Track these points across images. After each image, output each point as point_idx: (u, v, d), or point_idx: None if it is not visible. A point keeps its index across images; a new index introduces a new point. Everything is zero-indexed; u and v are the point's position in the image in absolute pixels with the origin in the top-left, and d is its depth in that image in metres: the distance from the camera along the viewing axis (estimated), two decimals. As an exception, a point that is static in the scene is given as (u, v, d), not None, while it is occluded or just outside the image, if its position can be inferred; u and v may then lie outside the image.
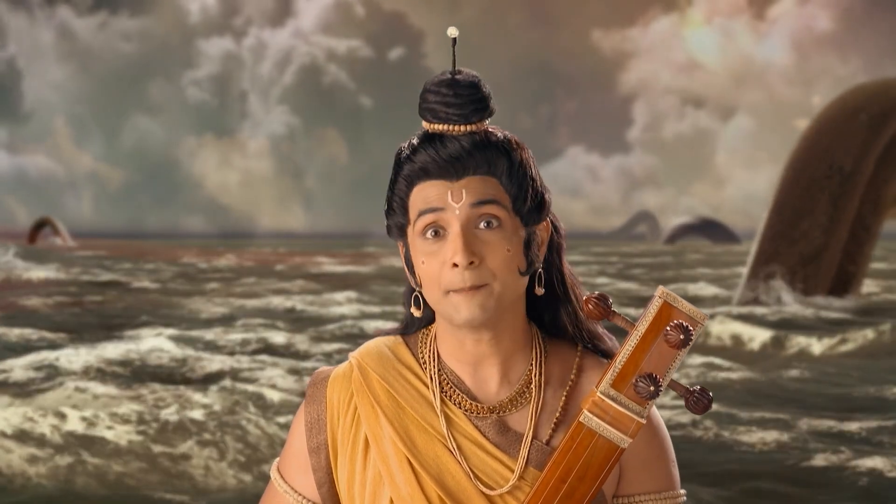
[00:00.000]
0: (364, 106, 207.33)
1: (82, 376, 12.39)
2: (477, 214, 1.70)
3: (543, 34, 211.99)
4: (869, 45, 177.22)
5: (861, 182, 21.67)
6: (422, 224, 1.71)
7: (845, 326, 18.06)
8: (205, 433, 9.33)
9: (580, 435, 1.65)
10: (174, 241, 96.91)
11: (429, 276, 1.71)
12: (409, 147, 1.74)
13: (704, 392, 1.63)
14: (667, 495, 1.78)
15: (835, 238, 21.54)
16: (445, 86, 1.71)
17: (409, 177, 1.72)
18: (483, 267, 1.69)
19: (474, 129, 1.71)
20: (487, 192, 1.70)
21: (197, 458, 8.81)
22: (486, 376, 1.76)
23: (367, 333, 14.84)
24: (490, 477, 1.71)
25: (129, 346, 14.84)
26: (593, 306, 1.65)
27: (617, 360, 1.65)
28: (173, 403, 10.31)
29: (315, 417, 1.81)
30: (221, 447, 9.05)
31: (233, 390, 11.26)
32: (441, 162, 1.70)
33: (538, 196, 1.75)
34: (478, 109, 1.71)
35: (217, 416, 9.75)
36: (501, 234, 1.70)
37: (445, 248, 1.70)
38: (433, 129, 1.72)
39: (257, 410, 10.30)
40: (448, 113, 1.70)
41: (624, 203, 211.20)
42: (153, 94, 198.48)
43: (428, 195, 1.71)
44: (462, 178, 1.70)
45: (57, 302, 23.34)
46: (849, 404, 11.46)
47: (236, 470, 8.63)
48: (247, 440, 9.25)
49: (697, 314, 1.65)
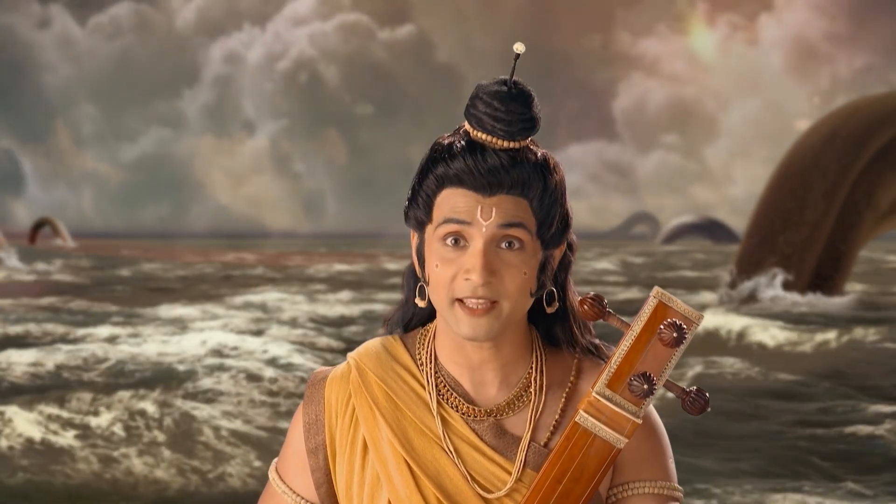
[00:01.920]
0: (364, 106, 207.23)
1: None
2: (501, 234, 1.69)
3: (543, 34, 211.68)
4: (869, 46, 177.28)
5: (849, 186, 21.77)
6: (444, 231, 1.70)
7: (822, 325, 18.09)
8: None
9: (576, 435, 1.64)
10: (174, 242, 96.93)
11: (440, 282, 1.70)
12: (448, 148, 1.71)
13: (701, 393, 1.62)
14: (663, 485, 1.76)
15: (819, 237, 21.63)
16: (498, 99, 1.68)
17: (441, 178, 1.70)
18: (497, 285, 1.68)
19: (516, 146, 1.70)
20: (517, 215, 1.69)
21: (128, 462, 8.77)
22: (485, 380, 1.76)
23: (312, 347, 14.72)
24: (487, 480, 1.71)
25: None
26: (588, 307, 1.64)
27: (612, 360, 1.65)
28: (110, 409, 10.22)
29: (313, 418, 1.81)
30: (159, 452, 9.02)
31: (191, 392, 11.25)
32: (477, 175, 1.68)
33: (563, 222, 1.74)
34: (525, 129, 1.69)
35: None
36: (521, 256, 1.70)
37: (464, 259, 1.69)
38: (475, 137, 1.70)
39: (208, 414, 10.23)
40: (495, 127, 1.68)
41: (624, 203, 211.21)
42: (153, 94, 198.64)
43: (457, 205, 1.69)
44: (495, 195, 1.69)
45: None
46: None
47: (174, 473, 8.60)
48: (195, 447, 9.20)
49: (692, 314, 1.64)
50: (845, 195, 21.75)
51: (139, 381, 12.18)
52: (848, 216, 21.80)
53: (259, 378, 12.13)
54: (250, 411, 10.69)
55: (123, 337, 16.42)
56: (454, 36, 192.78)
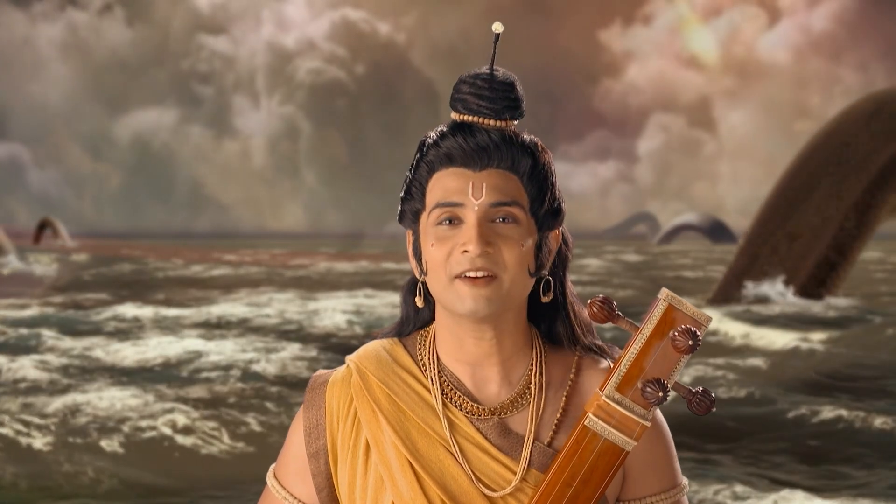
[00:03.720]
0: (364, 106, 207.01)
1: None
2: (495, 212, 1.69)
3: (543, 34, 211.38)
4: (869, 46, 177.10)
5: (858, 188, 21.74)
6: (437, 214, 1.70)
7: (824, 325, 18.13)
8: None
9: (585, 438, 1.64)
10: (174, 242, 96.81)
11: (436, 261, 1.70)
12: (436, 134, 1.73)
13: (707, 393, 1.62)
14: (674, 493, 1.77)
15: (823, 236, 21.62)
16: (481, 80, 1.70)
17: (431, 162, 1.72)
18: (495, 257, 1.68)
19: (503, 125, 1.71)
20: (508, 192, 1.70)
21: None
22: (487, 377, 1.75)
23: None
24: (492, 479, 1.71)
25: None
26: (597, 309, 1.64)
27: (621, 363, 1.65)
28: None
29: (314, 423, 1.80)
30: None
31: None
32: (467, 149, 1.69)
33: (555, 202, 1.75)
34: (510, 108, 1.71)
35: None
36: (517, 230, 1.70)
37: (459, 234, 1.69)
38: (462, 119, 1.71)
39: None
40: (480, 105, 1.70)
41: (624, 203, 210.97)
42: (153, 94, 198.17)
43: (448, 186, 1.70)
44: (485, 169, 1.70)
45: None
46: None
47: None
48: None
49: (701, 316, 1.64)
50: (845, 207, 21.72)
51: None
52: (844, 227, 21.78)
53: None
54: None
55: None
56: (454, 36, 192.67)
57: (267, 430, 9.93)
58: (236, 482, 8.54)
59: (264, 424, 10.12)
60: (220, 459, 9.25)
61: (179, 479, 8.67)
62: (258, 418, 10.34)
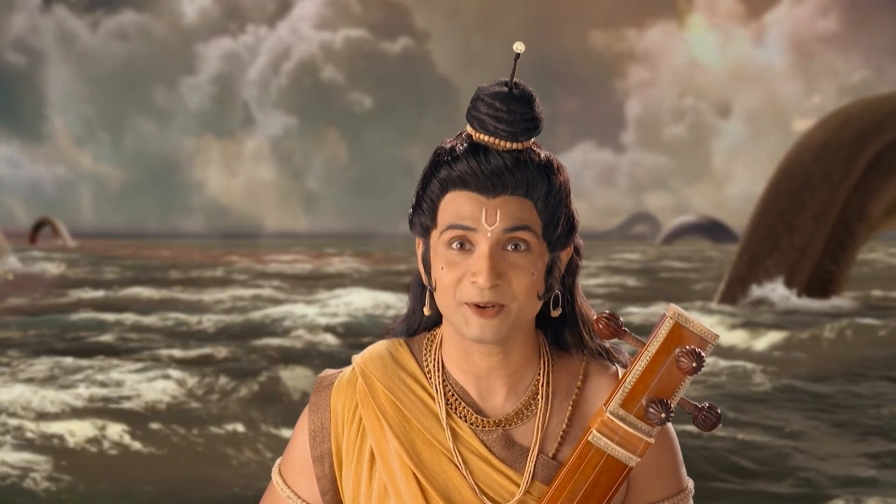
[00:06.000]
0: (364, 105, 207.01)
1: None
2: (507, 238, 1.67)
3: (543, 34, 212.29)
4: (869, 46, 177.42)
5: (845, 191, 21.79)
6: (449, 236, 1.68)
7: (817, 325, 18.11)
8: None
9: (588, 454, 1.64)
10: (175, 242, 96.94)
11: (445, 285, 1.68)
12: (451, 151, 1.70)
13: (713, 409, 1.62)
14: (679, 497, 1.77)
15: (817, 241, 21.66)
16: (499, 100, 1.67)
17: (444, 181, 1.69)
18: (504, 287, 1.67)
19: (519, 147, 1.68)
20: (522, 218, 1.67)
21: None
22: (493, 388, 1.75)
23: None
24: (496, 491, 1.70)
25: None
26: (604, 325, 1.63)
27: (626, 379, 1.64)
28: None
29: (319, 426, 1.79)
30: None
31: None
32: (481, 176, 1.66)
33: (569, 223, 1.73)
34: (527, 129, 1.67)
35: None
36: (528, 258, 1.68)
37: (469, 262, 1.67)
38: (478, 140, 1.68)
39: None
40: (497, 128, 1.67)
41: (624, 203, 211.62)
42: (153, 94, 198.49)
43: (461, 209, 1.67)
44: (499, 196, 1.67)
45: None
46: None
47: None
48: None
49: (708, 334, 1.63)
50: (838, 209, 21.76)
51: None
52: (840, 228, 21.82)
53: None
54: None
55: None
56: (455, 36, 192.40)
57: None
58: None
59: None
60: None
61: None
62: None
